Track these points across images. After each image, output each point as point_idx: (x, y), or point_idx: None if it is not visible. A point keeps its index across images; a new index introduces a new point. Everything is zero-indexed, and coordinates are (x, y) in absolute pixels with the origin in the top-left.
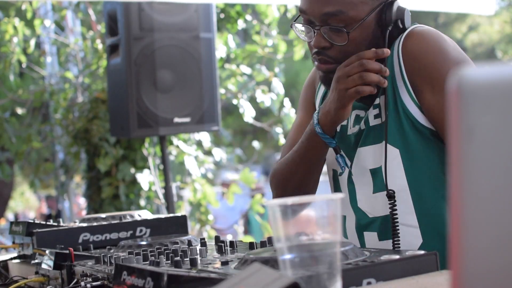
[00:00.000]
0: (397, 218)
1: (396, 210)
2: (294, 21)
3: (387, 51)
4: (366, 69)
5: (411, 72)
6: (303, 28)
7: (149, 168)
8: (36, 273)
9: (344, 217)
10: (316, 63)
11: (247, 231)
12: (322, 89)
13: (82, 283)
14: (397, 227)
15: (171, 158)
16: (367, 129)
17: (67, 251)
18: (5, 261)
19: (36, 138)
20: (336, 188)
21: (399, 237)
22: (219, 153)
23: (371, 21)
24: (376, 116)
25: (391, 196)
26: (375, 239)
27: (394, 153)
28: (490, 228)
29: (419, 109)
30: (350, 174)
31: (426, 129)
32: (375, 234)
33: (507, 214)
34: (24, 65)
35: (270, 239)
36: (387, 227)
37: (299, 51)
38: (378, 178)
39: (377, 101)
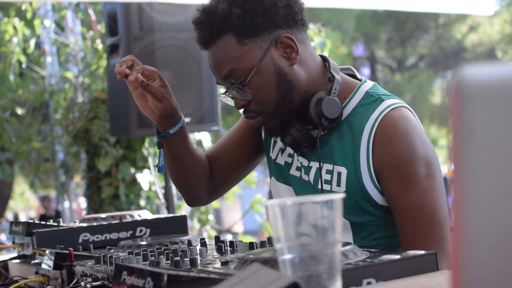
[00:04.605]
0: None
1: None
2: (219, 95)
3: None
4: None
5: (378, 162)
6: (229, 98)
7: (149, 168)
8: (36, 273)
9: None
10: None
11: None
12: None
13: (82, 283)
14: None
15: None
16: (315, 186)
17: (67, 251)
18: (5, 261)
19: (36, 138)
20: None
21: None
22: None
23: (268, 62)
24: (328, 182)
25: None
26: None
27: (343, 222)
28: (490, 228)
29: (378, 191)
30: None
31: (381, 207)
32: None
33: (507, 214)
34: (24, 65)
35: (270, 239)
36: None
37: None
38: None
39: (330, 166)
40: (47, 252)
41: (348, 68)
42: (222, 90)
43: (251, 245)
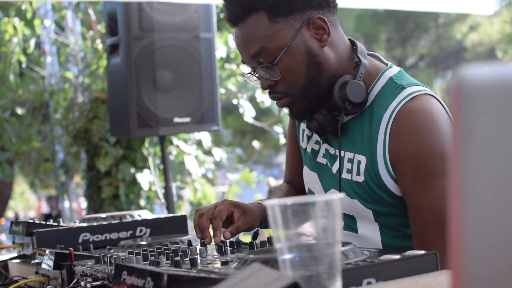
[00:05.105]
0: None
1: None
2: (244, 75)
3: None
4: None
5: (393, 154)
6: (254, 77)
7: (149, 168)
8: (36, 273)
9: None
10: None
11: None
12: None
13: (82, 283)
14: None
15: (171, 158)
16: (337, 176)
17: (67, 251)
18: (5, 261)
19: (36, 138)
20: None
21: None
22: (219, 153)
23: (299, 43)
24: (349, 171)
25: None
26: None
27: (366, 212)
28: (490, 228)
29: (394, 181)
30: None
31: (401, 198)
32: None
33: (507, 214)
34: (24, 65)
35: (270, 239)
36: None
37: None
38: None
39: (351, 155)
40: (47, 252)
41: (373, 54)
42: (222, 90)
43: (251, 245)
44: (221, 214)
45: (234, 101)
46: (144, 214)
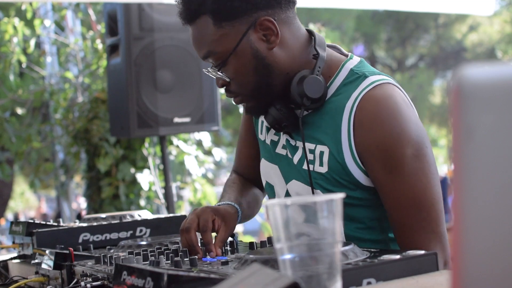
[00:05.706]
0: None
1: None
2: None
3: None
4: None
5: (360, 144)
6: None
7: (149, 168)
8: (36, 273)
9: None
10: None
11: None
12: None
13: (82, 283)
14: None
15: (171, 158)
16: (299, 167)
17: (67, 251)
18: (5, 261)
19: (36, 138)
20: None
21: None
22: (219, 153)
23: (245, 47)
24: (311, 162)
25: None
26: None
27: None
28: (490, 228)
29: (363, 173)
30: (287, 193)
31: (367, 188)
32: None
33: (507, 214)
34: (24, 65)
35: (270, 239)
36: None
37: None
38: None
39: (312, 146)
40: (47, 252)
41: (333, 45)
42: (222, 90)
43: (251, 245)
44: (209, 225)
45: None
46: (144, 214)
